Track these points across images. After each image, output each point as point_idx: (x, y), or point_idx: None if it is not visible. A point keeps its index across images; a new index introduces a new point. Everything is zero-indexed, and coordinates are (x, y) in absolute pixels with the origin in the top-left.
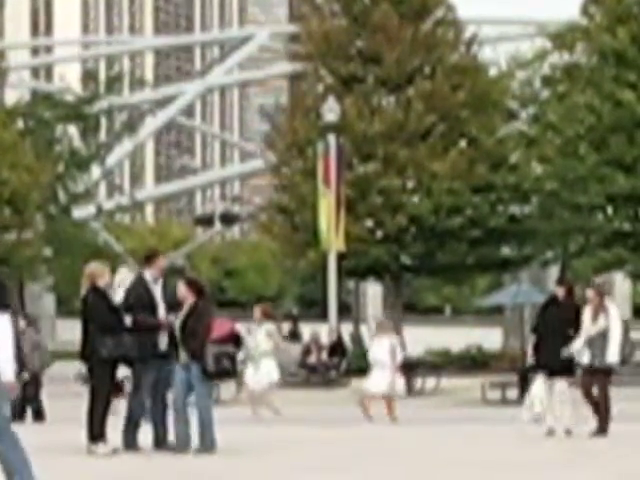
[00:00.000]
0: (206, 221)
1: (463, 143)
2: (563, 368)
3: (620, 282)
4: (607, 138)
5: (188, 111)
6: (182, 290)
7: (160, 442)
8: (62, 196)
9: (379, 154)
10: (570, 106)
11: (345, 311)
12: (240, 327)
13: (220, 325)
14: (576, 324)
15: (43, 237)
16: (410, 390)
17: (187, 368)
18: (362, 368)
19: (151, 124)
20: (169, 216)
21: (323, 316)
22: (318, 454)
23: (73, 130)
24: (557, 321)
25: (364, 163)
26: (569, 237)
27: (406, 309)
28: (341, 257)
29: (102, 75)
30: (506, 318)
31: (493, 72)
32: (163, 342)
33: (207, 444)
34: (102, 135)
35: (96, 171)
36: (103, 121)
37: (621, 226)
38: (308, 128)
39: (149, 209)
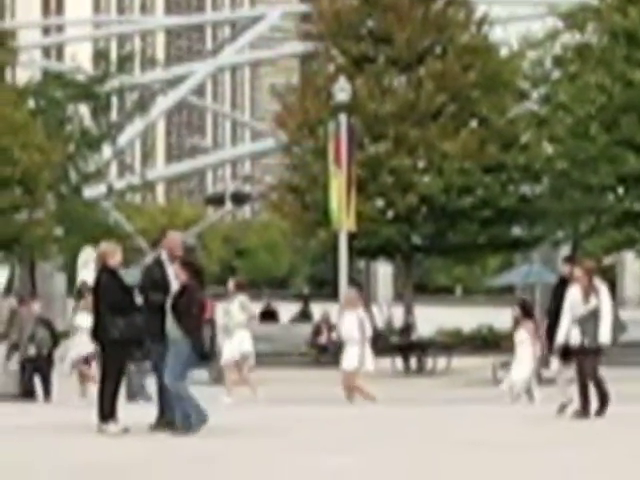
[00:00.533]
0: (217, 201)
1: (474, 123)
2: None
3: (631, 262)
4: (618, 118)
5: (199, 91)
6: (176, 270)
7: (162, 422)
8: (73, 176)
9: (390, 134)
10: (581, 86)
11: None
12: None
13: (211, 305)
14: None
15: (54, 217)
16: (421, 370)
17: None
18: (373, 348)
19: (162, 103)
20: (180, 196)
21: (334, 296)
22: (324, 434)
23: (84, 110)
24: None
25: (375, 143)
26: (580, 217)
27: (417, 289)
28: (352, 237)
29: (113, 54)
30: (517, 298)
31: (504, 52)
32: None
33: (181, 424)
34: (113, 115)
35: (107, 151)
36: (114, 101)
37: (632, 206)
38: (319, 108)
39: (160, 189)
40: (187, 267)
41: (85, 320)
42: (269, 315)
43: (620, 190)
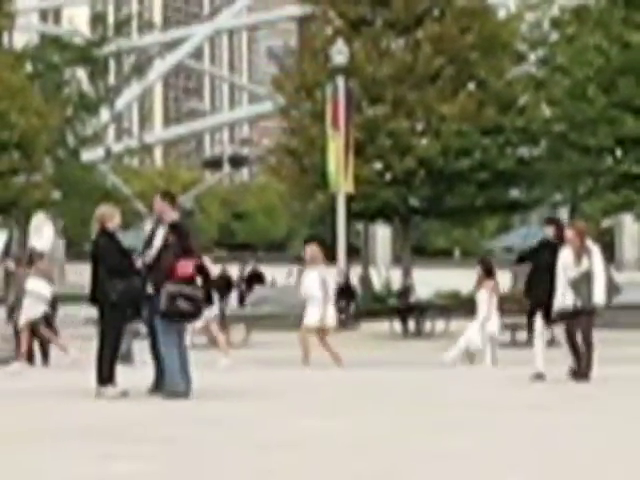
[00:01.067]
0: (215, 164)
1: (472, 86)
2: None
3: (629, 224)
4: (616, 80)
5: (197, 54)
6: (165, 234)
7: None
8: (71, 139)
9: (388, 97)
10: (579, 48)
11: (354, 254)
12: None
13: (185, 265)
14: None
15: (52, 180)
16: (419, 332)
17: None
18: (371, 311)
19: (160, 67)
20: (178, 159)
21: (332, 259)
22: (316, 398)
23: (82, 73)
24: (550, 262)
25: (373, 106)
26: (578, 179)
27: (415, 252)
28: (350, 199)
29: (111, 18)
30: (480, 257)
31: (502, 14)
32: None
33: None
34: (111, 78)
35: (105, 114)
36: (112, 64)
37: (630, 168)
38: (317, 71)
39: (158, 152)
40: (174, 231)
41: (35, 285)
42: (256, 278)
43: (618, 152)
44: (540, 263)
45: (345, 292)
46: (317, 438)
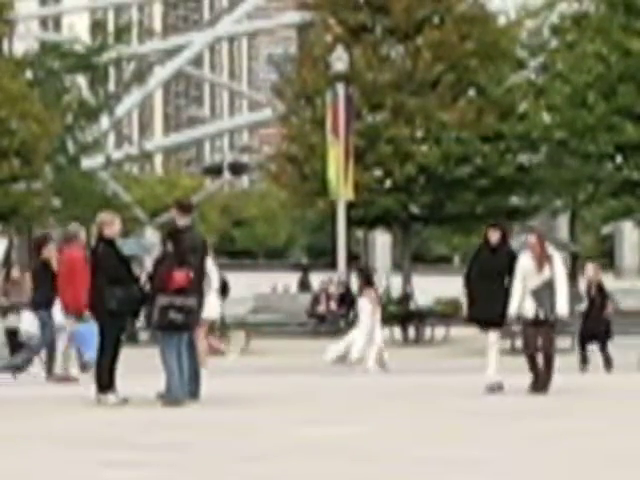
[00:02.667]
0: (215, 171)
1: (472, 92)
2: (499, 319)
3: (629, 231)
4: (616, 87)
5: (197, 61)
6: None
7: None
8: (71, 146)
9: (388, 103)
10: (579, 55)
11: (354, 261)
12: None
13: (179, 275)
14: (510, 273)
15: (52, 187)
16: (419, 339)
17: None
18: None
19: (160, 74)
20: (178, 166)
21: (332, 266)
22: (316, 405)
23: (82, 80)
24: (492, 269)
25: (373, 112)
26: (578, 186)
27: (415, 259)
28: (350, 206)
29: (111, 25)
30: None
31: (502, 21)
32: None
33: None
34: (111, 85)
35: (105, 121)
36: (112, 71)
37: (630, 175)
38: (317, 78)
39: (158, 159)
40: (172, 238)
41: None
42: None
43: (618, 159)
44: (479, 268)
45: (345, 299)
46: (316, 445)
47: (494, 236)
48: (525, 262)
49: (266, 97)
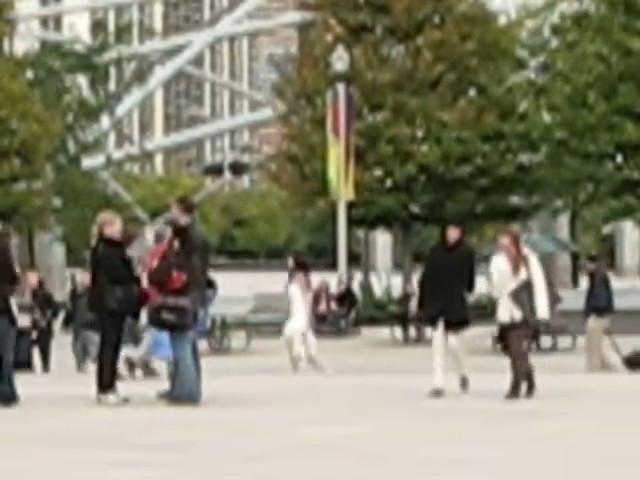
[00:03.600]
0: (215, 171)
1: (472, 92)
2: (459, 321)
3: (629, 231)
4: (616, 87)
5: (197, 61)
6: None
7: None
8: (71, 146)
9: (388, 103)
10: (579, 55)
11: (355, 260)
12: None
13: (177, 277)
14: (470, 272)
15: (52, 187)
16: (420, 339)
17: None
18: (372, 318)
19: (160, 74)
20: (178, 166)
21: (333, 265)
22: (317, 405)
23: (82, 80)
24: (449, 269)
25: (373, 112)
26: (578, 186)
27: (416, 258)
28: (350, 206)
29: (111, 25)
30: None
31: (502, 21)
32: None
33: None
34: (111, 85)
35: (105, 121)
36: (112, 71)
37: (630, 175)
38: (317, 77)
39: (158, 159)
40: (179, 236)
41: None
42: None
43: (619, 159)
44: (436, 270)
45: (346, 299)
46: (316, 445)
47: (453, 235)
48: (500, 265)
49: (266, 97)
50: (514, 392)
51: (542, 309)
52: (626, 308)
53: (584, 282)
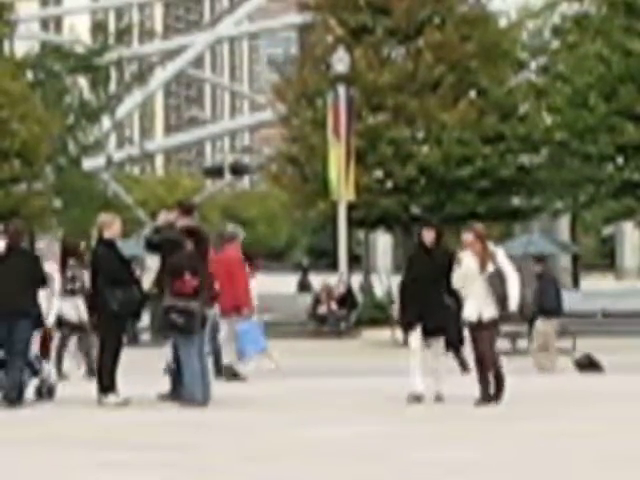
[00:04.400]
0: (216, 172)
1: (473, 93)
2: (437, 327)
3: (630, 232)
4: (617, 88)
5: (197, 62)
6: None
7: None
8: (72, 147)
9: (389, 104)
10: (580, 56)
11: (355, 262)
12: None
13: (189, 281)
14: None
15: (53, 188)
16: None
17: None
18: (372, 319)
19: (161, 75)
20: (179, 167)
21: (333, 267)
22: (318, 407)
23: (83, 81)
24: (428, 271)
25: (374, 113)
26: (579, 187)
27: None
28: (351, 207)
29: (112, 26)
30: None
31: (503, 22)
32: None
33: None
34: (112, 86)
35: (106, 122)
36: (113, 72)
37: (631, 176)
38: (318, 79)
39: (159, 160)
40: (192, 237)
41: None
42: None
43: (619, 160)
44: (414, 275)
45: (346, 300)
46: (316, 446)
47: (428, 237)
48: (467, 262)
49: (267, 98)
50: (484, 397)
51: (513, 302)
52: (627, 310)
53: (584, 283)
